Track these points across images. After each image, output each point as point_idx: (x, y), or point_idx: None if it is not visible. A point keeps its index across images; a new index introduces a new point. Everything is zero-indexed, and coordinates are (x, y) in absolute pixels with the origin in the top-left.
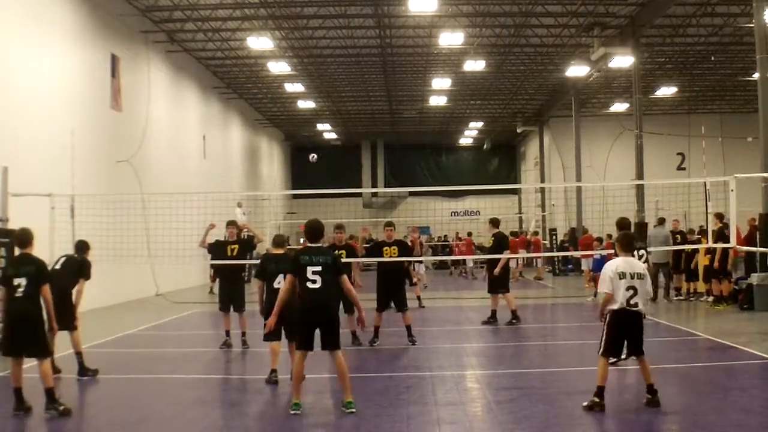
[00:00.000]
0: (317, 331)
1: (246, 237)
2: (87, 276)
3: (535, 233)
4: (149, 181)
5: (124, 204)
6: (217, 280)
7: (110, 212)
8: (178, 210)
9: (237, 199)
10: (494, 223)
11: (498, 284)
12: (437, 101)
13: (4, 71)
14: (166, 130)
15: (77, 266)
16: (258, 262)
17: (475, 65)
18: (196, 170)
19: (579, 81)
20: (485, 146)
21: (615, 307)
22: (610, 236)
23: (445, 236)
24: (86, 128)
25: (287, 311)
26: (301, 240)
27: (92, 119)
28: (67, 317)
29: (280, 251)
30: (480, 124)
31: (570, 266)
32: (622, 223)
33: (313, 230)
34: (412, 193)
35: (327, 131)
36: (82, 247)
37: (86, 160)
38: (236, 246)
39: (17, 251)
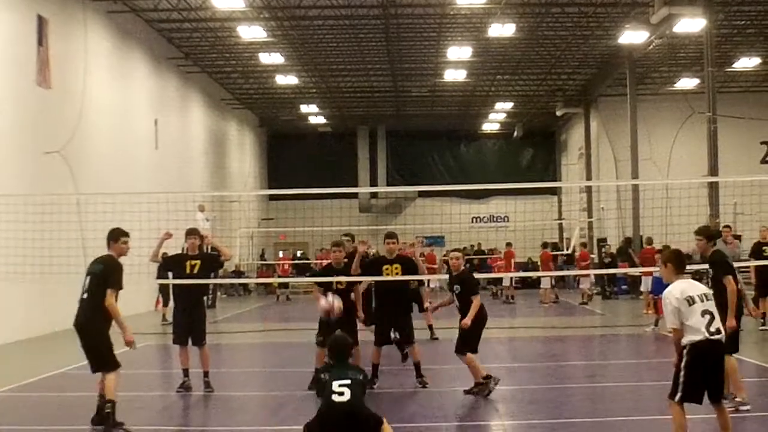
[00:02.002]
0: None
1: (210, 250)
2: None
3: (583, 245)
4: (86, 177)
5: (54, 207)
6: (171, 304)
7: (36, 217)
8: (123, 214)
9: (198, 201)
10: None
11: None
12: (454, 76)
13: None
14: (107, 112)
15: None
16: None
17: (502, 30)
18: (146, 164)
19: (636, 50)
20: (515, 134)
21: (696, 338)
22: None
23: (478, 245)
24: (5, 110)
25: None
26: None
27: (12, 99)
28: None
29: None
30: (509, 106)
31: (624, 287)
32: (709, 233)
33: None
34: (421, 194)
35: (314, 114)
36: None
37: (4, 151)
38: (198, 262)
39: None
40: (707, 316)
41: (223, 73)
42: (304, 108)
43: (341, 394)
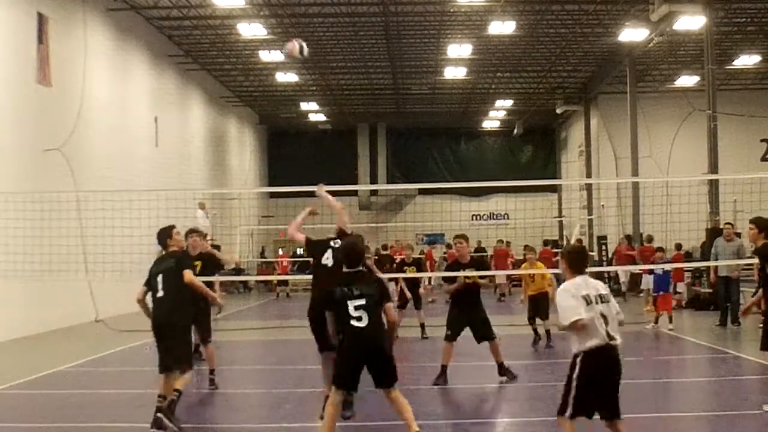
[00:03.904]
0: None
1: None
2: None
3: (579, 242)
4: (86, 175)
5: (54, 204)
6: None
7: (35, 215)
8: (123, 212)
9: (198, 198)
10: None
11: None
12: (454, 74)
13: None
14: (107, 110)
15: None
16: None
17: (502, 27)
18: (145, 161)
19: (636, 47)
20: (516, 131)
21: (592, 343)
22: (679, 246)
23: (478, 243)
24: (5, 108)
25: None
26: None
27: (12, 97)
28: None
29: None
30: (509, 103)
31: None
32: (763, 224)
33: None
34: (421, 191)
35: (313, 112)
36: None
37: (4, 149)
38: (199, 263)
39: None
40: (602, 320)
41: (223, 70)
42: (304, 105)
43: (359, 319)
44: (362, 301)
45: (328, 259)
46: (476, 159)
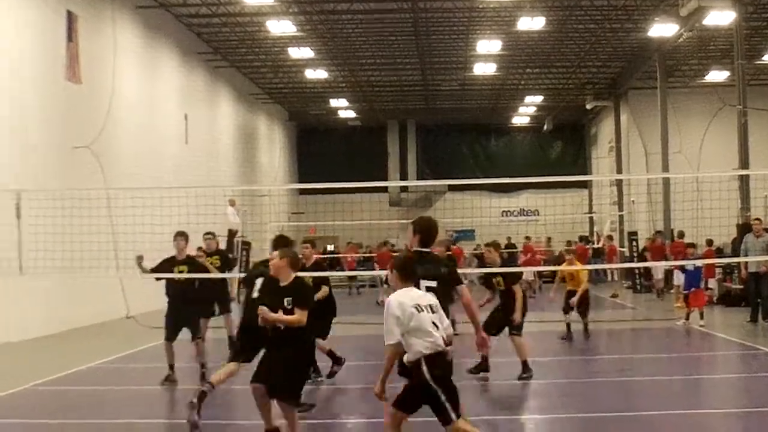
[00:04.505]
0: None
1: (238, 246)
2: None
3: (609, 238)
4: (116, 172)
5: (84, 202)
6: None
7: (66, 212)
8: (153, 209)
9: (228, 195)
10: None
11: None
12: (484, 70)
13: None
14: (136, 108)
15: None
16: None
17: (531, 23)
18: (175, 159)
19: (665, 43)
20: (545, 127)
21: (431, 350)
22: (710, 242)
23: (508, 240)
24: (35, 106)
25: None
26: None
27: (42, 94)
28: None
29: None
30: (539, 99)
31: (652, 281)
32: None
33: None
34: (451, 188)
35: (343, 108)
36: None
37: (35, 146)
38: (185, 267)
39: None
40: (435, 327)
41: (252, 67)
42: (333, 102)
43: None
44: (433, 283)
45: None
46: (506, 155)
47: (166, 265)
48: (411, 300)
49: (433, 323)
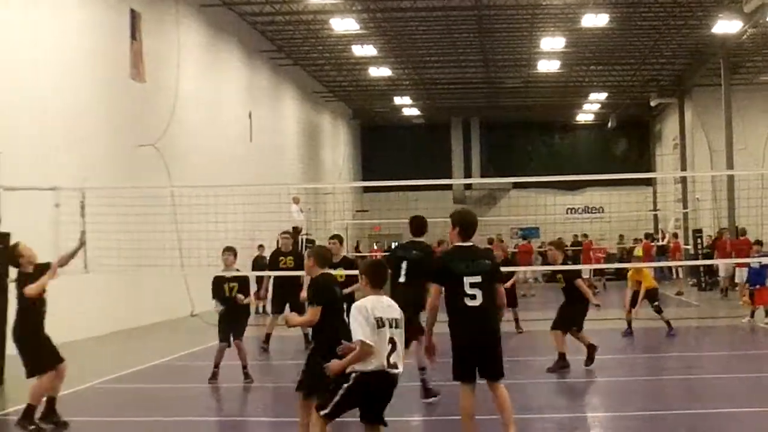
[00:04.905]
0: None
1: (303, 245)
2: None
3: (674, 235)
4: (180, 170)
5: (149, 200)
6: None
7: (130, 210)
8: (217, 207)
9: (292, 193)
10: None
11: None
12: (547, 67)
13: None
14: (201, 106)
15: None
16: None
17: (595, 20)
18: (240, 156)
19: (729, 39)
20: (609, 124)
21: (371, 367)
22: None
23: (574, 237)
24: (99, 104)
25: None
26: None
27: (107, 93)
28: None
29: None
30: (603, 96)
31: (718, 278)
32: None
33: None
34: (516, 185)
35: (407, 106)
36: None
37: (100, 145)
38: (235, 285)
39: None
40: (389, 345)
41: (316, 65)
42: (397, 100)
43: (473, 297)
44: (477, 279)
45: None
46: (570, 152)
47: (217, 285)
48: (377, 311)
49: (391, 340)
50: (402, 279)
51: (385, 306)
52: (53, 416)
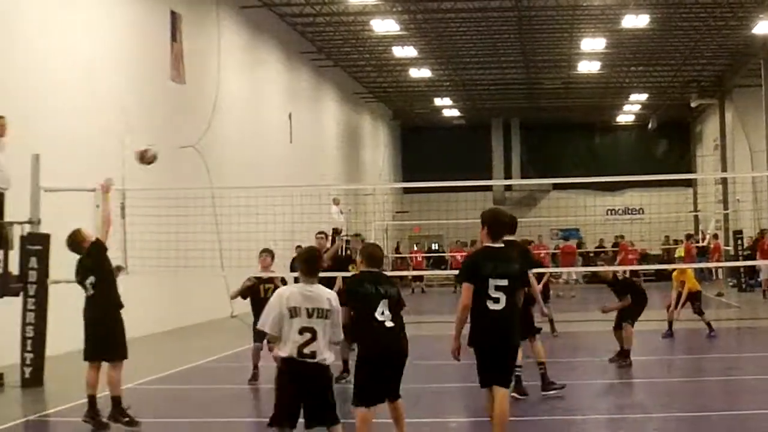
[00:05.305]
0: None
1: (344, 248)
2: None
3: (714, 236)
4: (220, 171)
5: (189, 201)
6: None
7: (171, 211)
8: (258, 208)
9: (333, 194)
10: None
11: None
12: (588, 68)
13: (32, 33)
14: (241, 107)
15: None
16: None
17: (636, 21)
18: (280, 158)
19: None
20: (650, 125)
21: (283, 354)
22: None
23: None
24: (140, 105)
25: None
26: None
27: (147, 94)
28: None
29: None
30: (643, 97)
31: (759, 279)
32: None
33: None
34: (556, 186)
35: (447, 107)
36: None
37: (140, 145)
38: (271, 287)
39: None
40: (307, 335)
41: (356, 66)
42: (437, 101)
43: (497, 300)
44: (504, 282)
45: None
46: (610, 153)
47: (252, 286)
48: (291, 301)
49: (308, 330)
50: None
51: (307, 296)
52: (96, 413)
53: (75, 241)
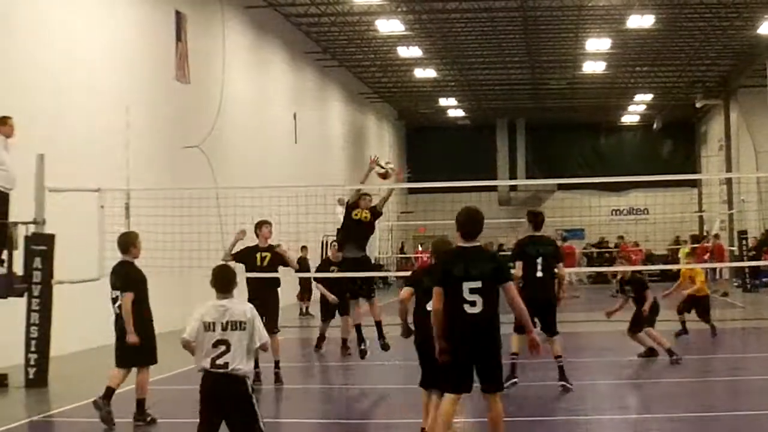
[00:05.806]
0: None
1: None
2: None
3: (716, 236)
4: (225, 171)
5: (194, 201)
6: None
7: (176, 211)
8: (262, 208)
9: (338, 194)
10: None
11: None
12: (593, 68)
13: (36, 33)
14: (246, 107)
15: None
16: None
17: (641, 21)
18: (285, 158)
19: None
20: (655, 125)
21: (198, 367)
22: None
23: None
24: (144, 105)
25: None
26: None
27: (152, 94)
28: None
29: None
30: (648, 97)
31: (763, 279)
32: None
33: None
34: (561, 186)
35: (452, 108)
36: None
37: (145, 146)
38: (268, 254)
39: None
40: (221, 347)
41: (361, 66)
42: (442, 101)
43: (473, 304)
44: (477, 284)
45: None
46: (615, 154)
47: (247, 252)
48: (207, 316)
49: (223, 342)
50: (539, 274)
51: (222, 311)
52: (108, 403)
53: (127, 239)
